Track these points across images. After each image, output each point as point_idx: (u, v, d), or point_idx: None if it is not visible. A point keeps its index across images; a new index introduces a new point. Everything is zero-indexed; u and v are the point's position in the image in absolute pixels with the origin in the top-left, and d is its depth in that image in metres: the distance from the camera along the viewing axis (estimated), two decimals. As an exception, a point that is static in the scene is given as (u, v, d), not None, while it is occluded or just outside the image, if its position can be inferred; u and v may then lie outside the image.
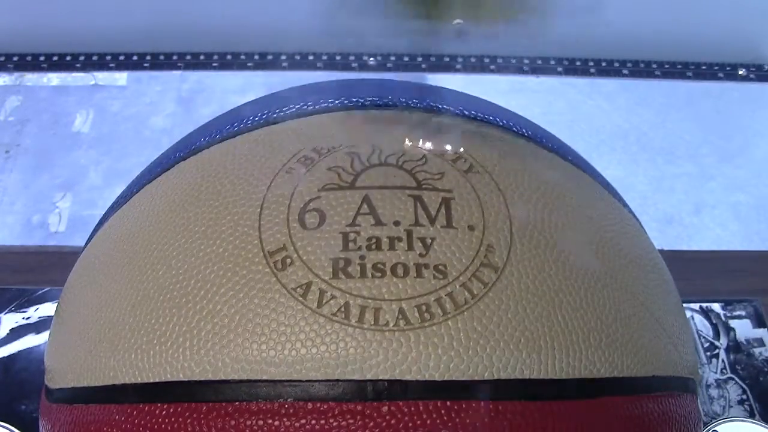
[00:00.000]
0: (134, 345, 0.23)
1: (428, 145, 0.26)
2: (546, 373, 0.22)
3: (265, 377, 0.22)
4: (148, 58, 0.89)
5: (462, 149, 0.26)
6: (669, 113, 0.94)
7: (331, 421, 0.21)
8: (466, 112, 0.28)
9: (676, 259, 0.33)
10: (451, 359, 0.22)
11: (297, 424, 0.21)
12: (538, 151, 0.28)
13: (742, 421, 0.43)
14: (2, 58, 0.91)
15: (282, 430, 0.21)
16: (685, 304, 0.30)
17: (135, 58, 0.90)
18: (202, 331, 0.23)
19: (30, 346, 0.48)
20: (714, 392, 0.47)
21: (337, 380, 0.21)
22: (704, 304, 0.52)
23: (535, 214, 0.25)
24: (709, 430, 0.42)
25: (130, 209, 0.28)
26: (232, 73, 0.90)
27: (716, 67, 1.03)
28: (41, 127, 0.82)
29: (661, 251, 0.31)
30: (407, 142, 0.26)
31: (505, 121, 0.29)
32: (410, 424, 0.21)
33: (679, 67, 1.03)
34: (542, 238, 0.24)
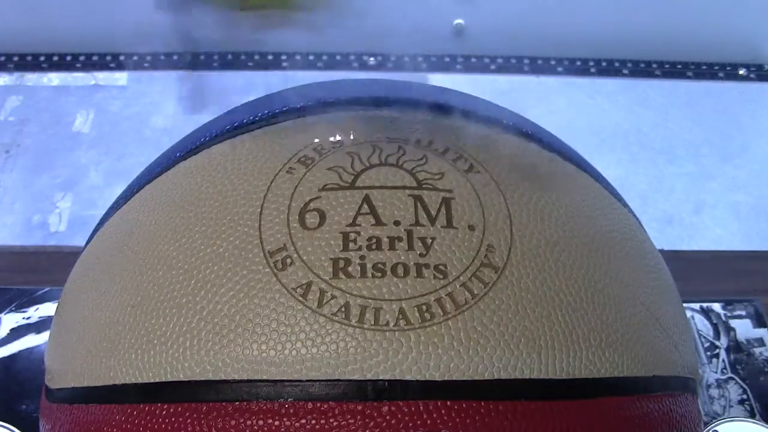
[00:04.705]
0: (134, 345, 0.23)
1: (428, 144, 0.26)
2: (546, 373, 0.22)
3: (265, 377, 0.22)
4: (149, 58, 0.89)
5: (462, 149, 0.26)
6: (669, 113, 0.94)
7: (331, 421, 0.21)
8: (467, 112, 0.28)
9: (676, 259, 0.33)
10: (452, 359, 0.22)
11: (297, 424, 0.21)
12: (538, 150, 0.28)
13: (743, 421, 0.43)
14: (2, 58, 0.91)
15: (282, 429, 0.21)
16: (685, 304, 0.30)
17: (135, 58, 0.90)
18: (202, 331, 0.23)
19: (30, 346, 0.48)
20: (714, 392, 0.47)
21: (338, 380, 0.21)
22: (704, 304, 0.52)
23: (535, 214, 0.25)
24: (710, 430, 0.42)
25: (130, 209, 0.28)
26: (232, 73, 0.90)
27: (716, 67, 1.03)
28: (41, 127, 0.82)
29: (661, 251, 0.31)
30: (408, 142, 0.26)
31: (505, 121, 0.29)
32: (410, 424, 0.21)
33: (679, 67, 1.03)
34: (542, 238, 0.24)
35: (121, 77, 0.89)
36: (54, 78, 0.89)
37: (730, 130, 0.93)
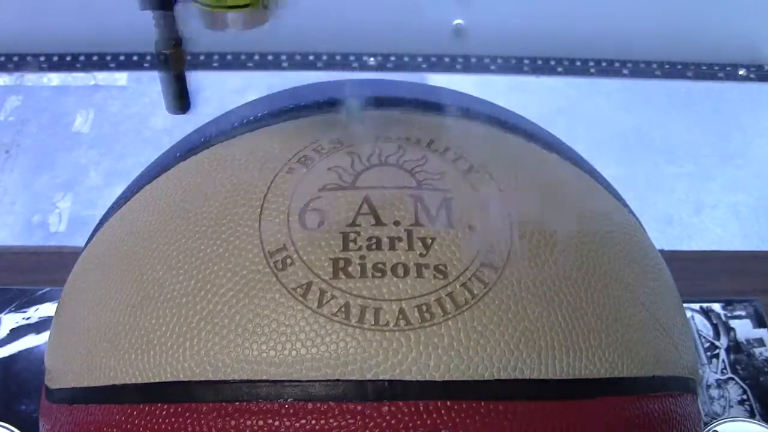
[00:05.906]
0: (134, 345, 0.23)
1: (428, 144, 0.26)
2: (546, 373, 0.22)
3: (265, 377, 0.22)
4: (148, 58, 0.89)
5: (462, 149, 0.26)
6: (669, 113, 0.94)
7: (331, 421, 0.21)
8: (467, 112, 0.28)
9: (676, 259, 0.33)
10: (452, 359, 0.22)
11: (297, 424, 0.21)
12: (538, 151, 0.28)
13: (743, 421, 0.43)
14: (2, 58, 0.91)
15: (282, 430, 0.21)
16: (685, 304, 0.30)
17: (135, 58, 0.90)
18: (202, 331, 0.23)
19: (30, 346, 0.48)
20: (714, 392, 0.47)
21: (338, 380, 0.21)
22: (704, 304, 0.52)
23: (535, 214, 0.25)
24: (710, 430, 0.42)
25: (130, 209, 0.28)
26: (232, 73, 0.90)
27: (716, 67, 1.03)
28: (41, 127, 0.82)
29: (661, 251, 0.31)
30: (408, 142, 0.26)
31: (505, 121, 0.29)
32: (410, 424, 0.21)
33: (679, 67, 1.03)
34: (542, 238, 0.24)
35: (121, 77, 0.89)
36: (54, 78, 0.89)
37: (730, 130, 0.93)
